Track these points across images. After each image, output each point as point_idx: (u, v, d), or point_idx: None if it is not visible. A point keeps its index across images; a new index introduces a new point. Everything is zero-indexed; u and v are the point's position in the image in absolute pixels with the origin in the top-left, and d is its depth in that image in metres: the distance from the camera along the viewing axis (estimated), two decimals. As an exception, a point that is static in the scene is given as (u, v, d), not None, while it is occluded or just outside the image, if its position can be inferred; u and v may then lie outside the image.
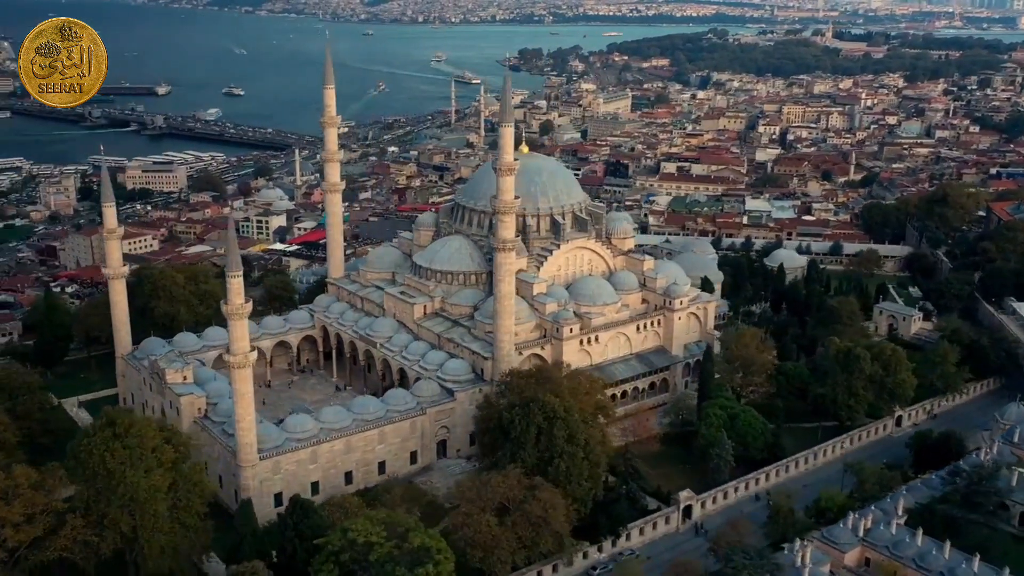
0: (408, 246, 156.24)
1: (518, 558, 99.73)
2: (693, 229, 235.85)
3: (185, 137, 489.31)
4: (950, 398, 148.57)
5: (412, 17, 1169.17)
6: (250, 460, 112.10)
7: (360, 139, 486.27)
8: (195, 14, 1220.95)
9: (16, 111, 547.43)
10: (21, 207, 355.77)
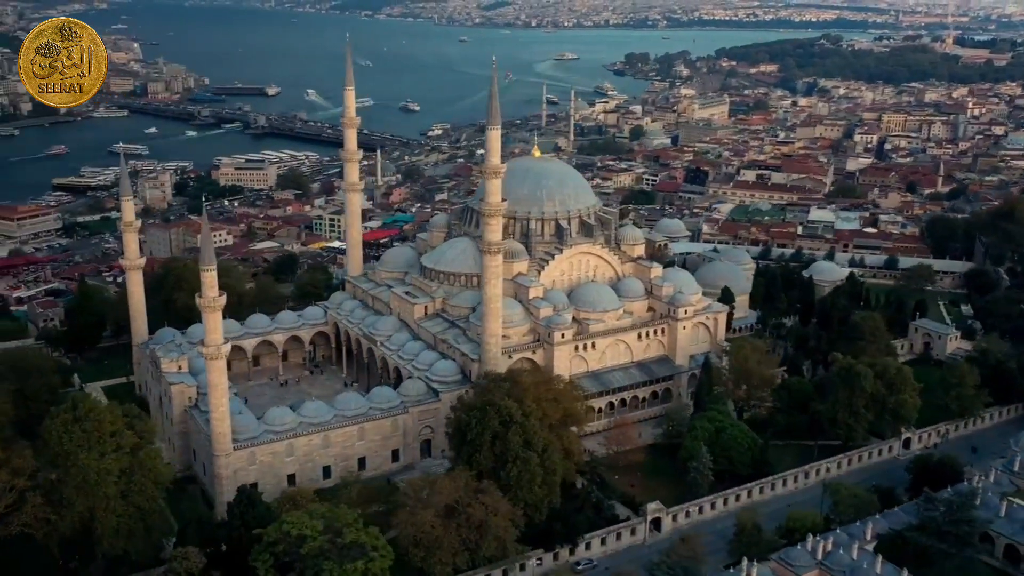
0: (424, 247, 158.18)
1: (460, 560, 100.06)
2: (745, 238, 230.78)
3: (286, 136, 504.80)
4: (967, 423, 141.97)
5: (525, 21, 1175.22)
6: (224, 449, 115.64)
7: (452, 141, 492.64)
8: (319, 18, 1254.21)
9: (133, 110, 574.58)
10: (120, 201, 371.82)
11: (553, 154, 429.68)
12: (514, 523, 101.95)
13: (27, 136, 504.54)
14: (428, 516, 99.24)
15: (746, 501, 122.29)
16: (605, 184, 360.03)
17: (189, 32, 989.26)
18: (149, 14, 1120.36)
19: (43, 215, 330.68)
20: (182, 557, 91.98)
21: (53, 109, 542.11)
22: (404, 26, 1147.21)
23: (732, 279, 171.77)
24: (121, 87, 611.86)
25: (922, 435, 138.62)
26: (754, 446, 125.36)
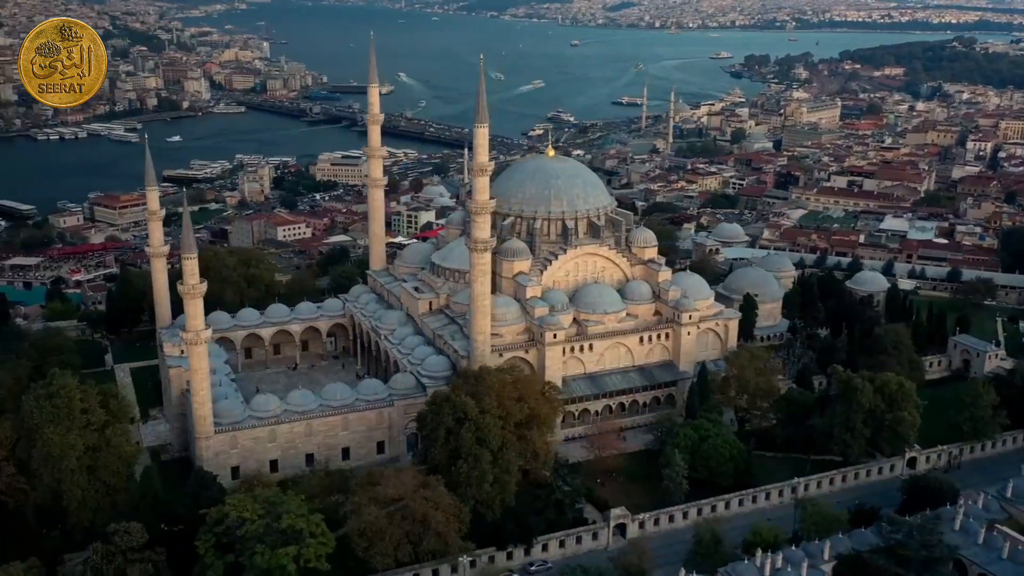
0: (442, 243, 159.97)
1: (402, 554, 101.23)
2: (804, 245, 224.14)
3: (390, 133, 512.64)
4: (983, 446, 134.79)
5: (649, 22, 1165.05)
6: (205, 432, 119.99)
7: (550, 141, 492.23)
8: (447, 19, 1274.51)
9: (251, 106, 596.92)
10: (220, 193, 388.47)
11: (648, 155, 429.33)
12: (459, 519, 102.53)
13: (149, 129, 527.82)
14: (372, 507, 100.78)
15: (724, 513, 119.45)
16: (690, 187, 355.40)
17: (319, 32, 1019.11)
18: (286, 14, 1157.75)
19: (143, 204, 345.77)
20: (124, 532, 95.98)
21: (176, 104, 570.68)
22: (528, 27, 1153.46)
23: (761, 286, 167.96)
24: (242, 84, 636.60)
25: (929, 455, 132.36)
26: (737, 457, 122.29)
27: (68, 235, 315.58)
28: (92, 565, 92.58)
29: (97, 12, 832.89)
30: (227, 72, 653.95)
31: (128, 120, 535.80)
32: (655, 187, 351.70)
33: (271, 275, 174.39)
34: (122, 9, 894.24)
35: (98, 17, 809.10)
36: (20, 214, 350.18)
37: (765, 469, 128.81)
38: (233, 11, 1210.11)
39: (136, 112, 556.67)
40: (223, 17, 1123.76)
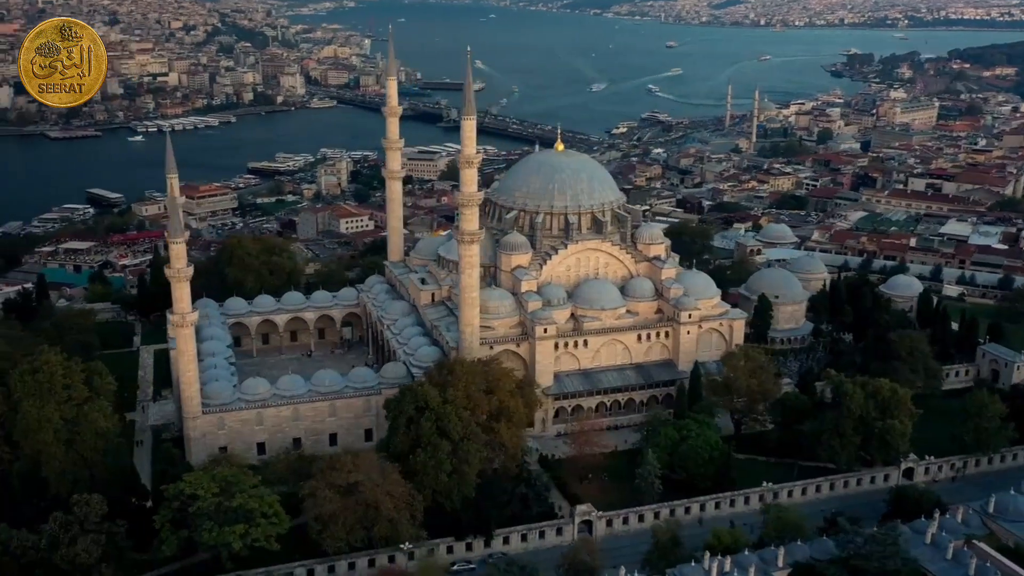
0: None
1: (355, 538, 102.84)
2: (853, 248, 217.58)
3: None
4: (990, 459, 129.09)
5: (754, 20, 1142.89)
6: (192, 412, 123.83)
7: (631, 139, 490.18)
8: (548, 16, 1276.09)
9: (342, 101, 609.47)
10: (298, 185, 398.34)
11: (727, 154, 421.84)
12: (411, 507, 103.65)
13: (244, 123, 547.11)
14: (327, 492, 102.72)
15: (697, 515, 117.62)
16: (760, 187, 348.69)
17: (421, 29, 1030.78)
18: (392, 11, 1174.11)
19: (220, 195, 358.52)
20: (84, 503, 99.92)
21: (271, 99, 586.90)
22: (630, 25, 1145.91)
23: (782, 287, 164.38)
24: (337, 80, 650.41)
25: (929, 466, 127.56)
26: (718, 459, 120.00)
27: (148, 223, 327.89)
28: (49, 534, 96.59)
29: (208, 10, 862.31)
30: (323, 68, 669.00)
31: (224, 114, 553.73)
32: (724, 187, 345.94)
33: (293, 263, 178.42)
34: (232, 7, 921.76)
35: (208, 15, 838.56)
36: (108, 202, 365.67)
37: (756, 473, 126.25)
38: (341, 8, 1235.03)
39: (232, 106, 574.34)
40: (331, 15, 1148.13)
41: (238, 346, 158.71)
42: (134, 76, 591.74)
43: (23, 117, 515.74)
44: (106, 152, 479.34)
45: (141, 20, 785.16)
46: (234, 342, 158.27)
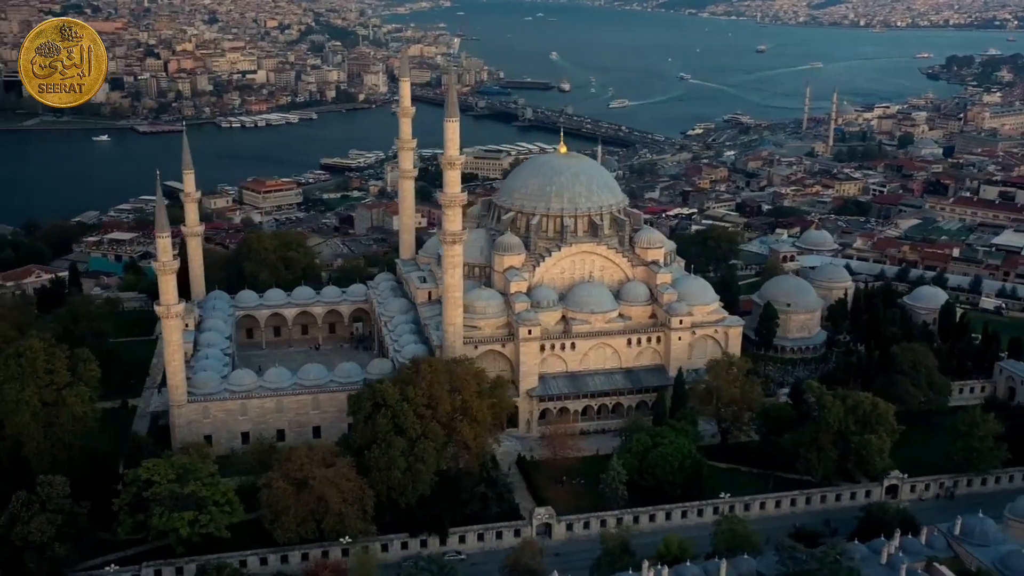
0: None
1: (305, 530, 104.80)
2: (893, 258, 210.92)
3: (548, 129, 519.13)
4: (984, 480, 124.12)
5: (854, 20, 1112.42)
6: (178, 401, 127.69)
7: (705, 142, 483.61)
8: (644, 15, 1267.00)
9: (423, 100, 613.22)
10: (365, 182, 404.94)
11: (798, 157, 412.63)
12: (361, 502, 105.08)
13: (325, 120, 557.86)
14: (281, 483, 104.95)
15: (663, 523, 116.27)
16: (825, 192, 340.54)
17: (512, 28, 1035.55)
18: (486, 10, 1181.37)
19: (286, 190, 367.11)
20: (47, 483, 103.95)
21: (353, 97, 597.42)
22: (725, 24, 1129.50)
23: (794, 295, 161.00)
24: (419, 79, 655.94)
25: (916, 484, 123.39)
26: (689, 468, 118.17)
27: (214, 215, 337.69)
28: (10, 511, 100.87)
29: (304, 9, 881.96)
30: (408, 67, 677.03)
31: (306, 111, 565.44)
32: (787, 191, 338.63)
33: (309, 258, 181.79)
34: (327, 6, 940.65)
35: (303, 14, 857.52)
36: (178, 192, 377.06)
37: (737, 483, 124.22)
38: (437, 8, 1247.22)
39: (315, 103, 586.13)
40: (428, 14, 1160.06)
41: (249, 338, 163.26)
42: (224, 73, 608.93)
43: (116, 112, 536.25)
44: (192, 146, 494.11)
45: (239, 19, 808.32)
46: (246, 334, 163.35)
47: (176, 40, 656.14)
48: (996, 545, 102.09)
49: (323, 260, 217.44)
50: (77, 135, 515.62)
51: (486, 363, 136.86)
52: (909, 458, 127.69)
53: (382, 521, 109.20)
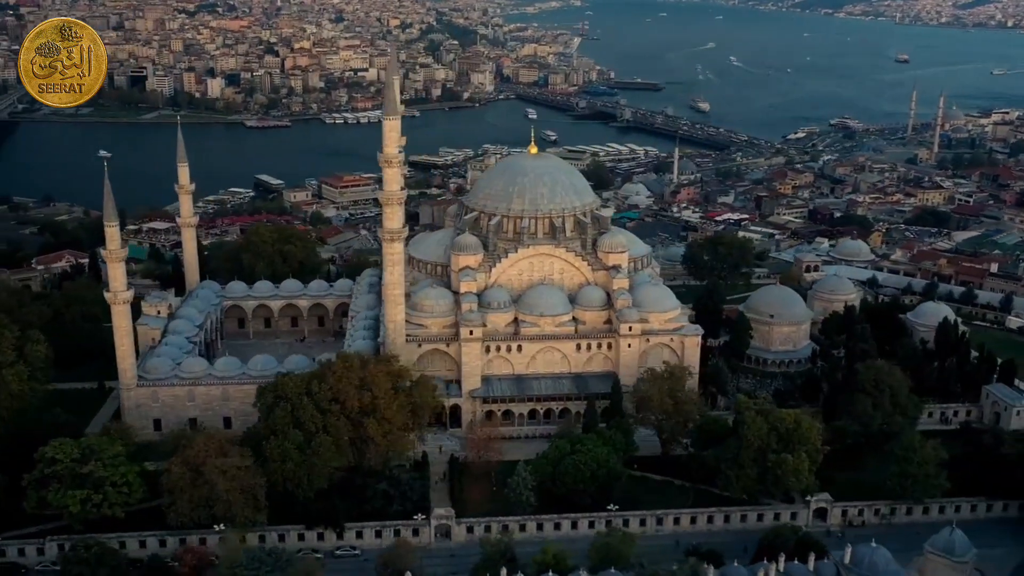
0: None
1: (198, 515, 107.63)
2: (927, 271, 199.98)
3: (645, 131, 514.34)
4: (926, 509, 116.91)
5: (1001, 21, 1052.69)
6: (127, 384, 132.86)
7: (804, 146, 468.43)
8: (778, 15, 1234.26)
9: (526, 99, 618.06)
10: (448, 179, 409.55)
11: (892, 164, 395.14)
12: (251, 492, 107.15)
13: (426, 117, 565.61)
14: (180, 468, 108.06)
15: (569, 532, 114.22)
16: (907, 200, 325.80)
17: (636, 28, 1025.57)
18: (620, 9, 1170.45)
19: (363, 185, 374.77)
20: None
21: (457, 95, 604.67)
22: (862, 25, 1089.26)
23: (780, 307, 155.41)
24: (528, 78, 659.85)
25: (848, 509, 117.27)
26: (602, 478, 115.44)
27: (291, 208, 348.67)
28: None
29: (427, 8, 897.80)
30: (517, 66, 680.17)
31: (409, 108, 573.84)
32: (864, 199, 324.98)
33: (306, 252, 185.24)
34: (451, 5, 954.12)
35: (426, 13, 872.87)
36: (269, 187, 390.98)
37: (665, 496, 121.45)
38: (567, 7, 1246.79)
39: (420, 101, 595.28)
40: (555, 14, 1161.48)
41: (241, 328, 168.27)
42: (337, 71, 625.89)
43: (229, 106, 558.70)
44: (292, 141, 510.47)
45: (363, 18, 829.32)
46: (238, 324, 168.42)
47: (295, 38, 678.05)
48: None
49: (342, 253, 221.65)
50: (195, 128, 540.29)
51: (432, 362, 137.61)
52: (855, 481, 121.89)
53: (281, 512, 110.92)
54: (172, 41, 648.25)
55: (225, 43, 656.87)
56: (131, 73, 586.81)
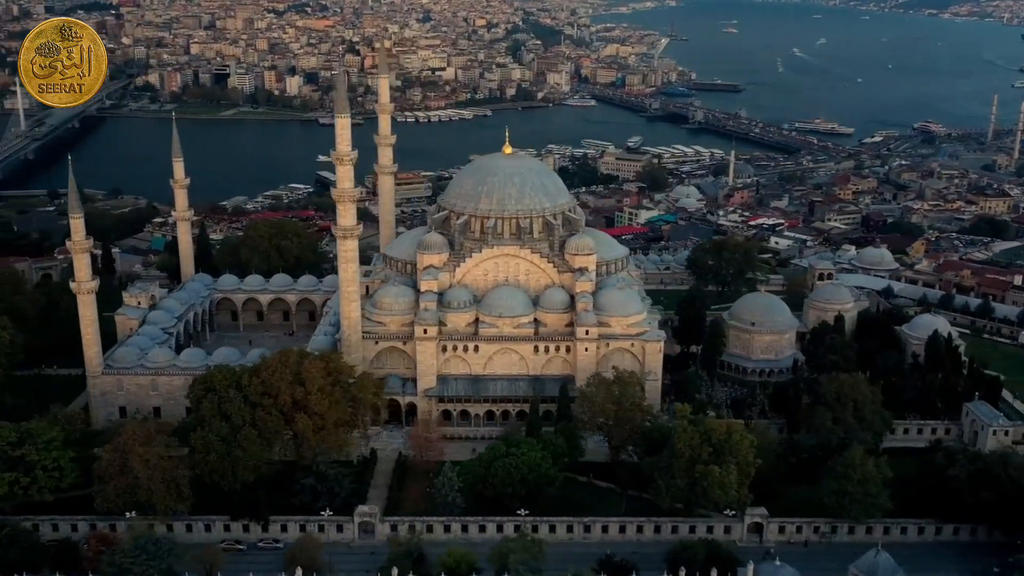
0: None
1: (123, 502, 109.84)
2: (948, 282, 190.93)
3: (717, 133, 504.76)
4: (869, 529, 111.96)
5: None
6: (93, 372, 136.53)
7: (878, 151, 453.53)
8: (881, 16, 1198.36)
9: (601, 100, 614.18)
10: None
11: (962, 171, 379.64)
12: (175, 481, 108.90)
13: (497, 117, 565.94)
14: (111, 454, 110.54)
15: (495, 535, 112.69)
16: (968, 208, 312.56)
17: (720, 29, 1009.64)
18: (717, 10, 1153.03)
19: (416, 183, 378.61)
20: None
21: (532, 95, 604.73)
22: (968, 27, 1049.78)
23: (762, 315, 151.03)
24: (605, 78, 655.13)
25: (785, 526, 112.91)
26: (531, 482, 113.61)
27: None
28: None
29: (514, 8, 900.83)
30: (596, 67, 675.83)
31: (481, 108, 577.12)
32: (920, 206, 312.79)
33: (302, 247, 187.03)
34: (539, 5, 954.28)
35: (513, 12, 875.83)
36: (327, 183, 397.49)
37: (606, 503, 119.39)
38: (662, 7, 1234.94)
39: (494, 100, 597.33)
40: (649, 14, 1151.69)
41: (234, 320, 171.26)
42: (415, 70, 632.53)
43: (305, 104, 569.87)
44: (361, 139, 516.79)
45: (450, 17, 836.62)
46: (231, 316, 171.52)
47: (377, 38, 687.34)
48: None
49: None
50: (271, 125, 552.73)
51: (391, 360, 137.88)
52: (806, 497, 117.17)
53: (207, 502, 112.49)
54: (258, 40, 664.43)
55: (309, 42, 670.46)
56: (215, 71, 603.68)
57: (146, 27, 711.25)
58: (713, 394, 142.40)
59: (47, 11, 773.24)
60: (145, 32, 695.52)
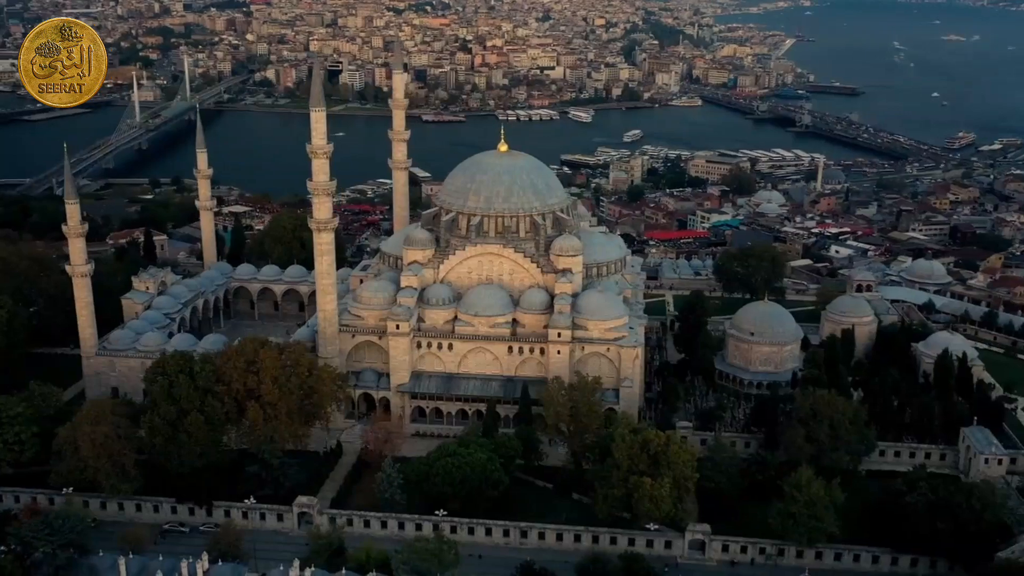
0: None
1: (74, 478, 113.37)
2: (998, 299, 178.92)
3: (824, 137, 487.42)
4: (819, 554, 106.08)
5: None
6: (87, 353, 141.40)
7: (993, 160, 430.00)
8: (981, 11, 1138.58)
9: (708, 101, 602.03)
10: (588, 179, 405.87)
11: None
12: (121, 463, 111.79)
13: (599, 116, 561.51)
14: (70, 432, 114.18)
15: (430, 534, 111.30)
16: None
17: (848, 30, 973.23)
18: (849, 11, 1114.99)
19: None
20: None
21: (637, 95, 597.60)
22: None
23: (761, 326, 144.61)
24: (717, 79, 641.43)
25: (730, 544, 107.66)
26: (473, 483, 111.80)
27: (425, 200, 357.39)
28: None
29: (635, 8, 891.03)
30: (708, 67, 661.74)
31: (585, 107, 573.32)
32: (1014, 219, 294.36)
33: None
34: (661, 5, 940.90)
35: (633, 12, 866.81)
36: (414, 178, 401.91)
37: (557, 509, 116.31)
38: (794, 7, 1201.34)
39: (598, 100, 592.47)
40: (781, 14, 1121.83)
41: (252, 309, 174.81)
42: (523, 69, 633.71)
43: (412, 101, 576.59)
44: (466, 135, 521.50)
45: (570, 17, 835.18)
46: (249, 305, 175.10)
47: (489, 36, 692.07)
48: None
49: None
50: (377, 121, 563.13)
51: (368, 354, 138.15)
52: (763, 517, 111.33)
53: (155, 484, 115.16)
54: (374, 38, 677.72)
55: (423, 40, 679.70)
56: (328, 68, 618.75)
57: (271, 24, 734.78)
58: (705, 405, 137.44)
59: (185, 8, 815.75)
60: (269, 29, 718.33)
